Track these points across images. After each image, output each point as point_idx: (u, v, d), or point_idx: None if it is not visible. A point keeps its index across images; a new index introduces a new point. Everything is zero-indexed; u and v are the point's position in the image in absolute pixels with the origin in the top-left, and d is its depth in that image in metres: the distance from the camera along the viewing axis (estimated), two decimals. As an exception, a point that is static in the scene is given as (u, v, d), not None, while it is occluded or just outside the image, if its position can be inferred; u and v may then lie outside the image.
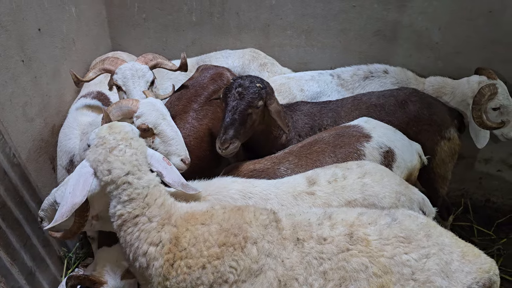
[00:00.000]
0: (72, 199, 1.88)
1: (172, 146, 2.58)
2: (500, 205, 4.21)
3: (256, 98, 2.74)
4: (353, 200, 2.32)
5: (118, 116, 2.53)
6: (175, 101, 3.27)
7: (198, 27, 3.94)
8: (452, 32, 3.58)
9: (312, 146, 2.78)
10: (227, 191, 2.37)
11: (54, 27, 3.34)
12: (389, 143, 2.75)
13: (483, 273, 1.88)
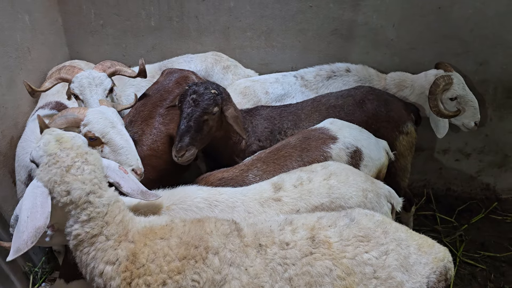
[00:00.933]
0: (33, 223, 1.70)
1: (122, 156, 2.52)
2: (460, 193, 4.40)
3: (211, 104, 2.75)
4: (320, 205, 2.33)
5: (62, 124, 2.47)
6: (140, 107, 3.24)
7: (158, 32, 3.92)
8: (405, 29, 3.71)
9: (279, 151, 2.80)
10: (191, 199, 2.33)
11: (7, 36, 3.25)
12: (356, 143, 2.79)
13: (438, 261, 1.97)
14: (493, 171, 4.27)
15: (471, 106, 3.51)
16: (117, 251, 1.85)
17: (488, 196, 4.37)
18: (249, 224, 2.05)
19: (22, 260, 3.33)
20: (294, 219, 2.05)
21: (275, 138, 3.11)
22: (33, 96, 3.00)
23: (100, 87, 2.92)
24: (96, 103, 2.83)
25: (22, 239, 1.68)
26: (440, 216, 4.17)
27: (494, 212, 4.25)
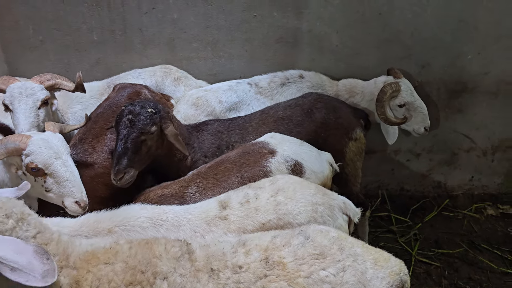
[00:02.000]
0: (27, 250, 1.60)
1: (65, 188, 2.44)
2: (413, 192, 4.50)
3: (148, 124, 2.68)
4: (267, 222, 2.28)
5: (2, 154, 2.36)
6: (92, 124, 3.13)
7: (101, 46, 3.82)
8: (349, 35, 3.78)
9: (219, 166, 2.76)
10: (135, 220, 2.25)
11: None
12: (295, 156, 2.77)
13: (395, 275, 1.95)
14: (443, 169, 4.39)
15: (420, 112, 3.57)
16: (60, 278, 1.74)
17: (440, 194, 4.49)
18: (202, 246, 1.97)
19: None
20: (248, 239, 1.99)
21: (223, 154, 3.07)
22: None
23: (30, 98, 2.83)
24: (23, 114, 2.76)
25: (36, 265, 1.58)
26: (395, 217, 4.24)
27: (446, 209, 4.37)
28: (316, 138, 3.13)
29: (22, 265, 1.55)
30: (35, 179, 2.45)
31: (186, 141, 3.03)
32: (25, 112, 2.78)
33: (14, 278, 1.54)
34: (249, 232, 2.27)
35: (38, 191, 2.52)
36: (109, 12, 3.69)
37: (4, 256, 1.54)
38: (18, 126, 2.76)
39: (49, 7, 3.66)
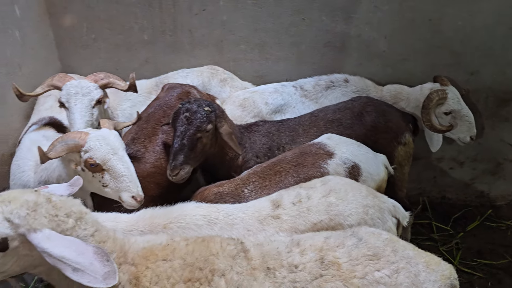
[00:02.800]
0: (88, 251, 1.64)
1: (122, 183, 2.50)
2: (455, 201, 4.44)
3: (204, 122, 2.74)
4: (318, 222, 2.31)
5: (63, 151, 2.42)
6: (144, 124, 3.21)
7: (151, 46, 3.90)
8: (397, 41, 3.76)
9: (275, 166, 2.78)
10: (190, 217, 2.30)
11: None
12: (353, 158, 2.78)
13: (446, 279, 1.96)
14: (487, 178, 4.32)
15: (466, 120, 3.52)
16: (119, 274, 1.76)
17: (483, 203, 4.41)
18: (255, 245, 2.00)
19: (14, 281, 3.23)
20: (301, 239, 2.01)
21: (274, 155, 3.10)
22: (21, 99, 2.94)
23: (86, 97, 2.89)
24: (79, 113, 2.82)
25: (97, 266, 1.62)
26: (436, 225, 4.19)
27: (489, 219, 4.29)
28: (365, 141, 3.13)
29: (85, 266, 1.59)
30: (93, 175, 2.51)
31: (238, 140, 3.07)
32: (81, 111, 2.84)
33: (76, 278, 1.58)
34: (301, 232, 2.30)
35: (95, 187, 2.59)
36: (160, 12, 3.76)
37: (67, 257, 1.58)
38: (74, 125, 2.82)
39: (103, 7, 3.75)
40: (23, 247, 1.66)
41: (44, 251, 1.58)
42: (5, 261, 1.65)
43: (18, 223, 1.61)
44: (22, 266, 1.72)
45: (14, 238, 1.62)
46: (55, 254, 1.57)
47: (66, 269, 1.58)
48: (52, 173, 2.69)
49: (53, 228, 1.65)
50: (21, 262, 1.70)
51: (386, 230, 2.39)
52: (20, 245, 1.64)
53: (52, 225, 1.65)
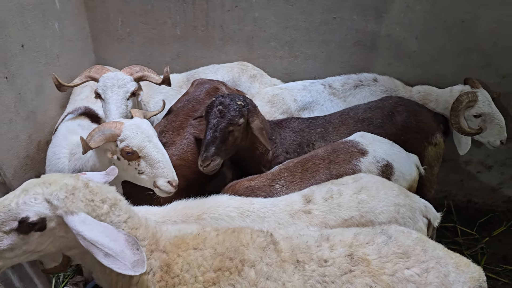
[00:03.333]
0: (120, 239, 1.69)
1: (158, 169, 2.56)
2: (481, 205, 4.38)
3: (236, 116, 2.80)
4: (349, 218, 2.33)
5: (101, 141, 2.50)
6: (173, 117, 3.29)
7: (183, 40, 3.98)
8: (428, 41, 3.74)
9: (307, 162, 2.81)
10: (223, 208, 2.35)
11: (38, 42, 3.32)
12: (387, 157, 2.78)
13: (475, 281, 1.94)
14: (515, 184, 4.25)
15: (496, 124, 3.47)
16: (150, 261, 1.85)
17: (510, 209, 4.34)
18: (285, 238, 2.02)
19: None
20: (331, 235, 2.03)
21: (303, 151, 3.13)
22: (60, 90, 3.04)
23: (122, 89, 2.96)
24: (115, 104, 2.88)
25: (128, 254, 1.66)
26: (461, 228, 4.14)
27: (516, 225, 4.23)
28: (396, 141, 3.11)
29: (116, 253, 1.64)
30: (129, 163, 2.58)
31: (269, 136, 3.12)
32: (117, 102, 2.92)
33: (106, 263, 1.64)
34: (331, 227, 2.32)
35: (130, 175, 2.65)
36: (193, 8, 3.84)
37: (100, 241, 1.64)
38: (109, 115, 2.90)
39: (138, 1, 3.86)
40: (60, 229, 1.73)
41: (79, 234, 1.65)
42: (42, 241, 1.74)
43: (56, 204, 1.69)
44: (57, 247, 1.80)
45: (51, 219, 1.70)
46: (89, 238, 1.64)
47: (98, 253, 1.64)
48: (86, 162, 2.77)
49: (88, 213, 1.72)
50: (57, 243, 1.79)
51: (416, 230, 2.38)
52: (57, 226, 1.72)
53: (88, 210, 1.72)
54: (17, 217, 1.65)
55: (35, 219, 1.66)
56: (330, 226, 2.32)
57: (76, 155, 2.82)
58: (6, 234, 1.66)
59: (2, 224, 1.65)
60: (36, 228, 1.68)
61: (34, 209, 1.66)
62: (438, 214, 2.57)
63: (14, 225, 1.66)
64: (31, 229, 1.67)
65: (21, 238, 1.68)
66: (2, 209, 1.66)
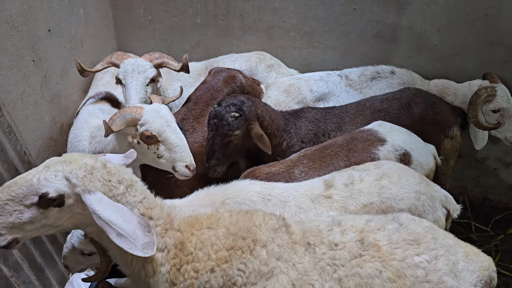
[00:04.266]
0: (134, 220, 1.76)
1: (177, 153, 2.62)
2: (497, 203, 4.33)
3: (231, 129, 2.85)
4: (369, 204, 2.34)
5: (122, 125, 2.57)
6: (192, 106, 3.36)
7: (203, 29, 4.03)
8: (450, 34, 3.69)
9: (326, 149, 2.83)
10: (245, 193, 2.39)
11: (63, 28, 3.41)
12: (405, 146, 2.79)
13: (484, 270, 1.96)
14: (533, 182, 4.19)
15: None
16: (165, 239, 1.90)
17: (527, 207, 4.29)
18: (297, 222, 2.07)
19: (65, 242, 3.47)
20: (342, 220, 2.06)
21: (319, 141, 3.15)
22: (82, 75, 3.12)
23: (142, 75, 3.02)
24: (134, 90, 2.95)
25: (139, 235, 1.73)
26: (475, 225, 4.12)
27: (532, 224, 4.17)
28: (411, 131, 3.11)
29: (128, 233, 1.71)
30: (148, 147, 2.64)
31: (282, 127, 3.14)
32: (136, 88, 2.98)
33: (118, 243, 1.71)
34: (351, 212, 2.34)
35: (149, 158, 2.72)
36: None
37: (114, 221, 1.71)
38: (129, 100, 2.97)
39: (160, -11, 3.92)
40: (77, 206, 1.80)
41: (94, 212, 1.72)
42: (60, 216, 1.81)
43: (75, 182, 1.75)
44: (75, 224, 1.88)
45: (70, 196, 1.77)
46: (104, 217, 1.71)
47: (111, 232, 1.71)
48: (106, 146, 2.84)
49: (105, 192, 1.78)
50: (74, 220, 1.86)
51: (435, 219, 2.41)
52: (75, 203, 1.79)
53: (104, 189, 1.79)
54: (38, 192, 1.72)
55: (54, 195, 1.73)
56: (350, 211, 2.34)
57: (96, 138, 2.90)
58: (27, 208, 1.73)
59: (24, 198, 1.72)
60: (55, 203, 1.75)
61: (54, 186, 1.73)
62: (458, 206, 2.58)
63: (34, 200, 1.73)
64: (50, 204, 1.74)
65: (41, 212, 1.75)
66: (24, 183, 1.73)
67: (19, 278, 2.81)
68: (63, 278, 3.34)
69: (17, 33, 2.86)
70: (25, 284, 2.86)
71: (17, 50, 2.88)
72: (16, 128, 2.90)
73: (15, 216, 1.72)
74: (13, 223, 1.73)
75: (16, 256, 2.80)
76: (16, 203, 1.72)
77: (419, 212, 2.38)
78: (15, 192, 1.71)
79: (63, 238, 3.42)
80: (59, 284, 3.26)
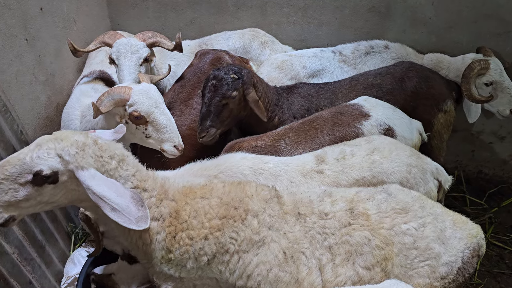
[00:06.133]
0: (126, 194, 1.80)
1: (165, 134, 2.63)
2: (491, 176, 4.37)
3: (229, 89, 2.84)
4: (361, 178, 2.38)
5: (110, 106, 2.56)
6: (179, 89, 3.35)
7: (197, 6, 3.99)
8: (444, 7, 3.67)
9: (312, 122, 2.85)
10: (237, 167, 2.42)
11: (56, 6, 3.39)
12: (388, 121, 2.81)
13: (472, 238, 2.02)
14: (527, 155, 4.22)
15: (507, 93, 3.43)
16: (160, 208, 1.95)
17: (521, 181, 4.33)
18: (289, 193, 2.12)
19: (65, 220, 3.52)
20: (333, 191, 2.11)
21: None
22: (75, 55, 3.11)
23: (135, 55, 3.00)
24: (128, 70, 2.94)
25: (133, 210, 1.78)
26: (470, 198, 4.16)
27: (526, 197, 4.22)
28: (405, 106, 3.13)
29: (122, 208, 1.76)
30: (137, 127, 2.65)
31: (274, 102, 3.16)
32: (130, 68, 2.97)
33: (113, 217, 1.75)
34: (343, 187, 2.36)
35: (138, 138, 2.73)
36: (207, -27, 3.83)
37: (108, 196, 1.74)
38: (123, 81, 2.96)
39: (153, -34, 3.87)
40: (71, 182, 1.83)
41: (88, 188, 1.75)
42: (55, 192, 1.84)
43: (68, 159, 1.78)
44: (69, 199, 1.91)
45: (63, 173, 1.80)
46: (98, 192, 1.74)
47: (106, 207, 1.75)
48: (95, 125, 2.84)
49: (97, 168, 1.82)
50: (69, 196, 1.89)
51: (427, 191, 2.46)
52: (69, 180, 1.82)
53: (97, 165, 1.82)
54: (32, 170, 1.75)
55: (48, 173, 1.75)
56: (342, 186, 2.38)
57: (86, 117, 2.91)
58: (21, 186, 1.76)
59: (18, 177, 1.75)
60: (49, 181, 1.78)
61: (47, 163, 1.75)
62: (450, 177, 2.61)
63: (29, 178, 1.75)
64: (45, 181, 1.77)
65: (36, 189, 1.78)
66: (18, 162, 1.76)
67: (21, 255, 2.87)
68: (64, 255, 3.40)
69: (8, 11, 2.85)
70: (27, 261, 2.91)
71: (9, 29, 2.87)
72: (12, 108, 2.91)
73: (10, 195, 1.75)
74: (8, 201, 1.76)
75: (17, 233, 2.85)
76: (11, 182, 1.74)
77: (411, 184, 2.42)
78: (9, 171, 1.74)
79: (62, 216, 3.48)
80: (60, 261, 3.32)
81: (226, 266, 1.92)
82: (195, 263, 1.93)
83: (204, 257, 1.90)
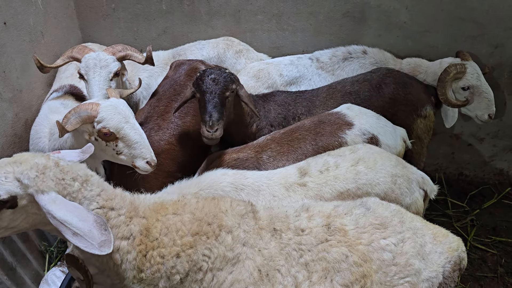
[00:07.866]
0: (89, 219, 1.72)
1: (136, 150, 2.55)
2: (472, 178, 4.37)
3: (229, 81, 2.77)
4: (345, 191, 2.33)
5: (77, 123, 2.47)
6: (155, 103, 3.26)
7: (169, 15, 3.92)
8: (419, 11, 3.65)
9: (294, 133, 2.80)
10: (218, 184, 2.36)
11: (20, 20, 3.28)
12: (372, 130, 2.77)
13: (453, 251, 1.98)
14: (507, 156, 4.22)
15: (485, 97, 3.41)
16: (130, 226, 1.88)
17: (501, 181, 4.33)
18: (266, 208, 2.07)
19: (38, 239, 3.42)
20: (311, 206, 2.06)
21: (289, 124, 3.11)
22: (42, 71, 3.02)
23: (104, 70, 2.92)
24: (97, 85, 2.85)
25: (95, 234, 1.70)
26: (452, 201, 4.15)
27: (507, 197, 4.22)
28: (384, 113, 3.08)
29: (84, 232, 1.68)
30: (107, 144, 2.56)
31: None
32: (99, 83, 2.88)
33: (74, 242, 1.68)
34: (326, 200, 2.32)
35: (109, 155, 2.65)
36: (178, -19, 3.76)
37: (69, 221, 1.67)
38: (93, 97, 2.87)
39: (122, -24, 3.79)
40: (32, 206, 1.76)
41: (48, 213, 1.68)
42: (14, 217, 1.76)
43: (27, 183, 1.70)
44: (31, 224, 1.83)
45: (23, 197, 1.72)
46: (58, 217, 1.67)
47: (67, 232, 1.67)
48: (64, 143, 2.75)
49: (59, 191, 1.74)
50: (30, 220, 1.81)
51: (413, 201, 2.42)
52: (29, 204, 1.74)
53: (58, 188, 1.74)
54: None
55: (5, 197, 1.68)
56: (325, 198, 2.32)
57: (54, 135, 2.80)
58: None
59: None
60: (7, 205, 1.70)
61: (5, 188, 1.68)
62: (435, 186, 2.58)
63: None
64: (3, 206, 1.70)
65: None
66: None
67: (-12, 279, 2.76)
68: (38, 276, 3.30)
69: (-32, 27, 2.75)
70: (-5, 285, 2.82)
71: (-30, 45, 2.78)
72: (-25, 126, 2.82)
73: None
74: None
75: (-17, 257, 2.75)
76: None
77: (396, 195, 2.38)
78: None
79: (35, 235, 3.37)
80: (34, 282, 3.22)
81: (199, 284, 1.86)
82: (168, 282, 1.86)
83: (177, 276, 1.84)
